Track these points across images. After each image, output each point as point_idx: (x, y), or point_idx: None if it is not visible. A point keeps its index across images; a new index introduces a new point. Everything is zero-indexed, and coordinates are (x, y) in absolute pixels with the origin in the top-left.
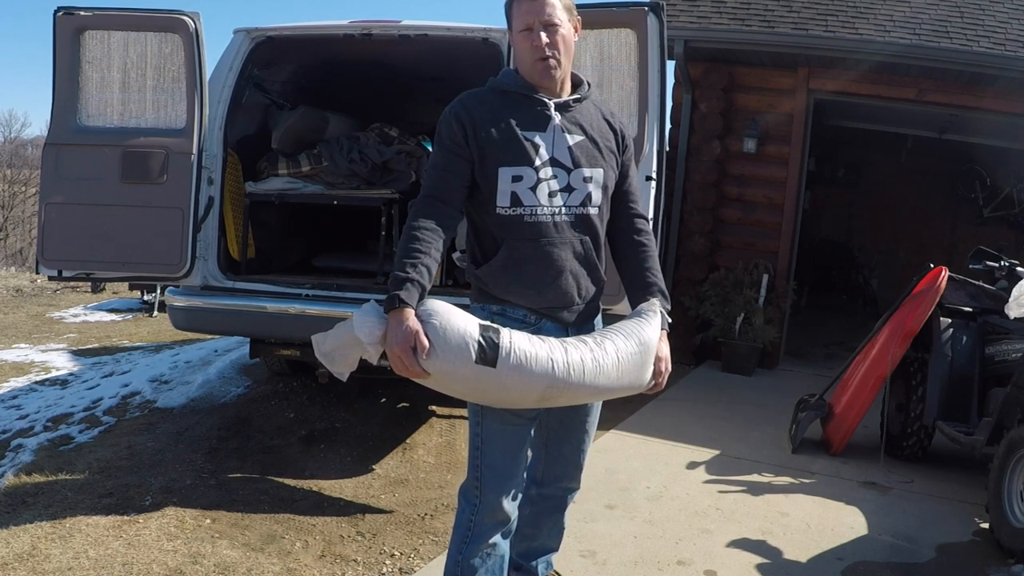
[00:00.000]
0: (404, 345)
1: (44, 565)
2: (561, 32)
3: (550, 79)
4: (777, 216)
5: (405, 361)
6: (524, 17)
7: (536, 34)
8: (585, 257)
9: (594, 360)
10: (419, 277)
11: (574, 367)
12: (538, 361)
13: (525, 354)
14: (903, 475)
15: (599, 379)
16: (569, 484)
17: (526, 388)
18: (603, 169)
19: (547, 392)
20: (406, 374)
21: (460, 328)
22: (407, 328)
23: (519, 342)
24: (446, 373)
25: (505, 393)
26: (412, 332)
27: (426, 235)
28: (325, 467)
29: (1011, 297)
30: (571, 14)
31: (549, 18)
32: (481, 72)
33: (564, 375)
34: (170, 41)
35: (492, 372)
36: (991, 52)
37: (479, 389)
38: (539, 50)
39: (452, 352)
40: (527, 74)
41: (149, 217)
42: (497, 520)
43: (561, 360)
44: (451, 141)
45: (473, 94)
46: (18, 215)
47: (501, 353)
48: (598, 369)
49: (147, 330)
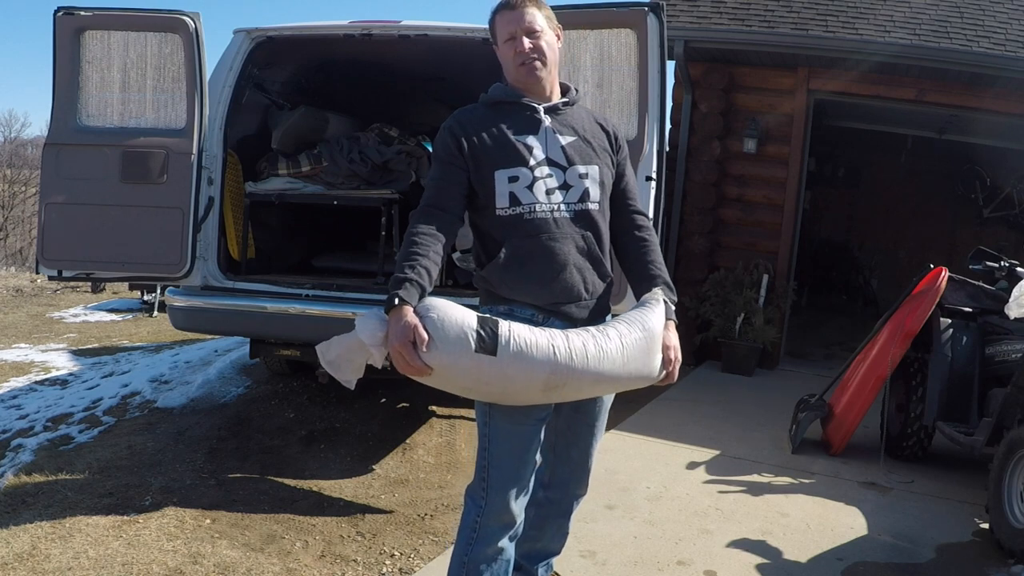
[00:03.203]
0: (404, 340)
1: (44, 565)
2: (544, 38)
3: (536, 80)
4: (777, 216)
5: (406, 356)
6: (507, 27)
7: (519, 40)
8: (588, 251)
9: (596, 345)
10: (417, 277)
11: (576, 352)
12: (539, 347)
13: (525, 341)
14: (903, 475)
15: (603, 364)
16: (576, 489)
17: (529, 377)
18: (598, 166)
19: (551, 380)
20: (409, 371)
21: (458, 319)
22: (406, 323)
23: (519, 330)
24: (447, 366)
25: (509, 384)
26: (411, 326)
27: (424, 239)
28: (325, 467)
29: (1011, 297)
30: (551, 22)
31: (530, 25)
32: (481, 72)
33: (567, 360)
34: (170, 41)
35: (493, 361)
36: (991, 52)
37: (482, 382)
38: (523, 54)
39: (451, 343)
40: (514, 80)
41: (149, 217)
42: (503, 522)
43: (563, 346)
44: (446, 153)
45: (465, 110)
46: (18, 215)
47: (501, 341)
48: (602, 353)
49: (147, 330)
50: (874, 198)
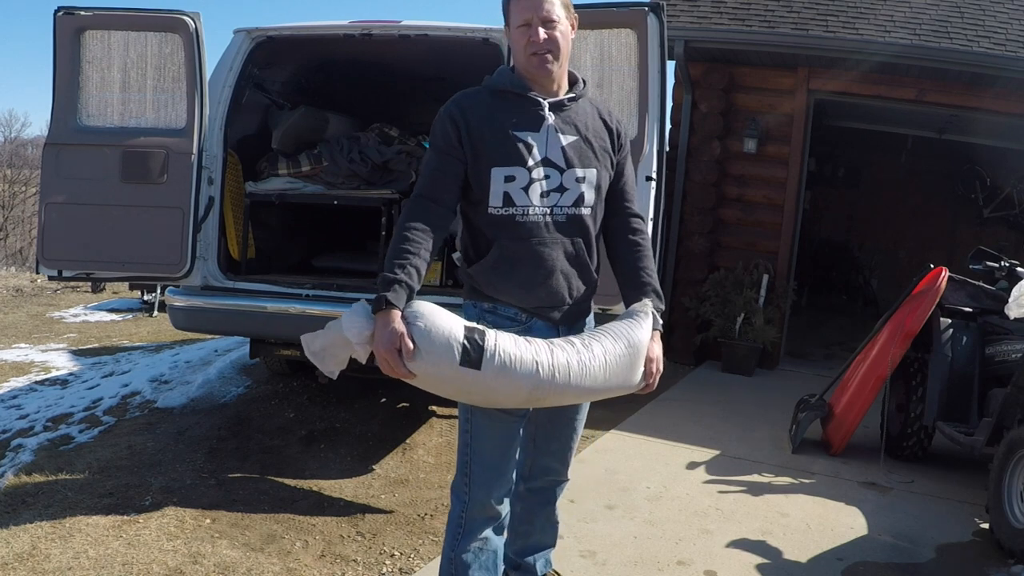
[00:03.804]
0: (390, 347)
1: (44, 565)
2: (560, 29)
3: (546, 73)
4: (777, 216)
5: (391, 362)
6: (522, 13)
7: (534, 29)
8: (576, 257)
9: (580, 363)
10: (407, 278)
11: (559, 369)
12: (523, 363)
13: (510, 357)
14: (903, 475)
15: (585, 381)
16: (558, 477)
17: (511, 390)
18: (596, 169)
19: (533, 393)
20: (392, 375)
21: (445, 330)
22: (392, 330)
23: (504, 344)
24: (431, 374)
25: (491, 394)
26: (397, 334)
27: (416, 235)
28: (325, 467)
29: (1011, 297)
30: (569, 11)
31: (547, 14)
32: (481, 72)
33: (549, 377)
34: (170, 41)
35: (476, 374)
36: (991, 52)
37: (464, 390)
38: (536, 45)
39: (436, 354)
40: (523, 69)
41: (149, 217)
42: (487, 515)
43: (547, 363)
44: (444, 142)
45: (468, 94)
46: (18, 215)
47: (485, 355)
48: (584, 371)
49: (147, 330)
50: (874, 198)
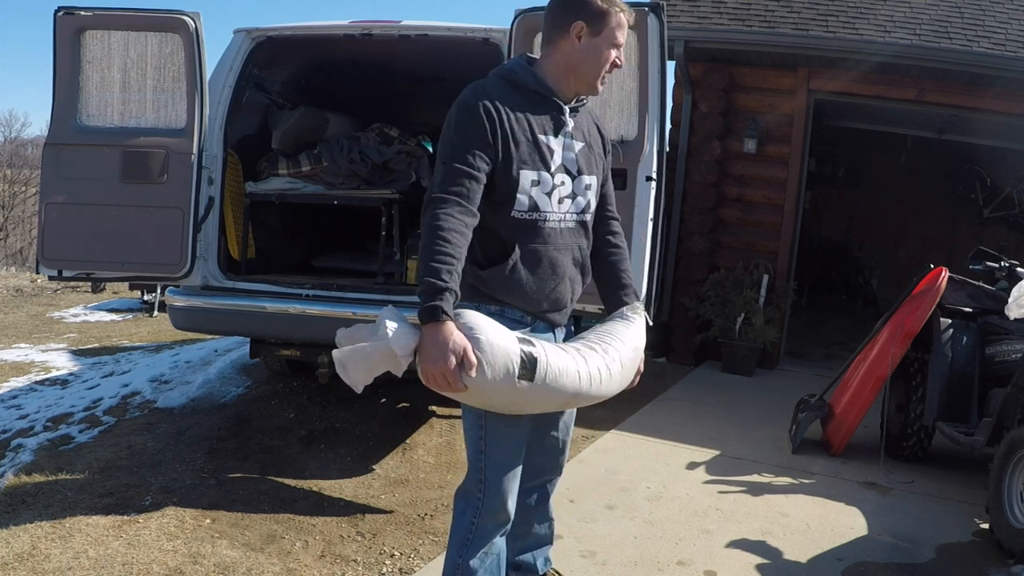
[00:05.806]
0: (450, 362)
1: (44, 565)
2: None
3: (595, 92)
4: (777, 216)
5: (448, 377)
6: (620, 35)
7: (617, 56)
8: (582, 263)
9: (608, 367)
10: (455, 286)
11: (594, 378)
12: (567, 373)
13: (558, 368)
14: (903, 475)
15: (611, 385)
16: (552, 474)
17: (552, 398)
18: (596, 176)
19: (571, 401)
20: (443, 390)
21: (504, 346)
22: (455, 343)
23: (553, 357)
24: (486, 388)
25: (529, 404)
26: (460, 348)
27: (456, 238)
28: (325, 467)
29: (1011, 298)
30: None
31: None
32: (481, 73)
33: (587, 386)
34: (170, 41)
35: (530, 387)
36: (991, 52)
37: (511, 401)
38: (613, 68)
39: (497, 369)
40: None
41: (149, 217)
42: (499, 521)
43: (585, 372)
44: (480, 139)
45: (494, 87)
46: (18, 215)
47: (539, 368)
48: (610, 376)
49: (147, 330)
50: (874, 198)
